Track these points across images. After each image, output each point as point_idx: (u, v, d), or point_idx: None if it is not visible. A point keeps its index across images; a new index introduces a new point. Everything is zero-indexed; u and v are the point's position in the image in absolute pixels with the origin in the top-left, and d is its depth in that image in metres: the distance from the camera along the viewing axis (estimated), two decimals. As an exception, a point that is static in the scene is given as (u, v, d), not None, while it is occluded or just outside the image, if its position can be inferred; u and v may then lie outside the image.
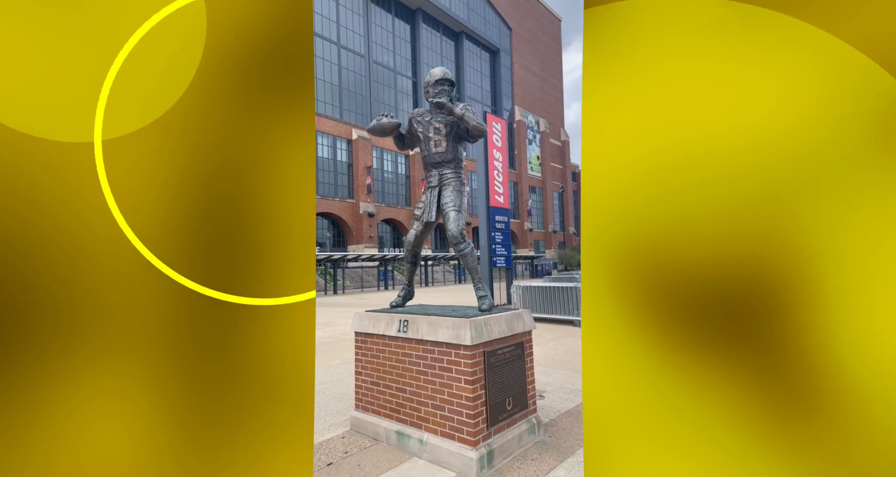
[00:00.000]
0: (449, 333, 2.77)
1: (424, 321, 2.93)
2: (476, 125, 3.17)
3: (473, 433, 2.64)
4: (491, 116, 11.72)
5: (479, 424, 2.69)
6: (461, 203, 3.31)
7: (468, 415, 2.66)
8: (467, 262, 3.22)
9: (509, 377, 2.95)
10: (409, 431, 2.97)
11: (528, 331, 3.19)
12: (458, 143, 3.46)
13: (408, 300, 3.67)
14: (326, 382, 5.07)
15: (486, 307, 3.09)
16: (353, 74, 36.47)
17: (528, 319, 3.19)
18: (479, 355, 2.74)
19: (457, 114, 3.20)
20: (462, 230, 3.19)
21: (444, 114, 3.34)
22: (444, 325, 2.82)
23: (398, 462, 2.82)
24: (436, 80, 3.40)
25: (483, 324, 2.79)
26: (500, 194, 11.75)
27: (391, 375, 3.14)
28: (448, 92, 3.41)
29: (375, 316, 3.31)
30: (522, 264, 38.75)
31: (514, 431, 2.92)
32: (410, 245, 3.51)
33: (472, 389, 2.67)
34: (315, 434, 3.37)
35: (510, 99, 49.64)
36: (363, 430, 3.30)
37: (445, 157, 3.39)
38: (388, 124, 3.37)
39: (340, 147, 33.97)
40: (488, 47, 47.98)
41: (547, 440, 3.11)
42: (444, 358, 2.81)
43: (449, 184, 3.37)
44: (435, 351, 2.87)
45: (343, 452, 3.01)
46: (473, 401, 2.67)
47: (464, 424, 2.68)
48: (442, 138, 3.38)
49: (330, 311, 13.96)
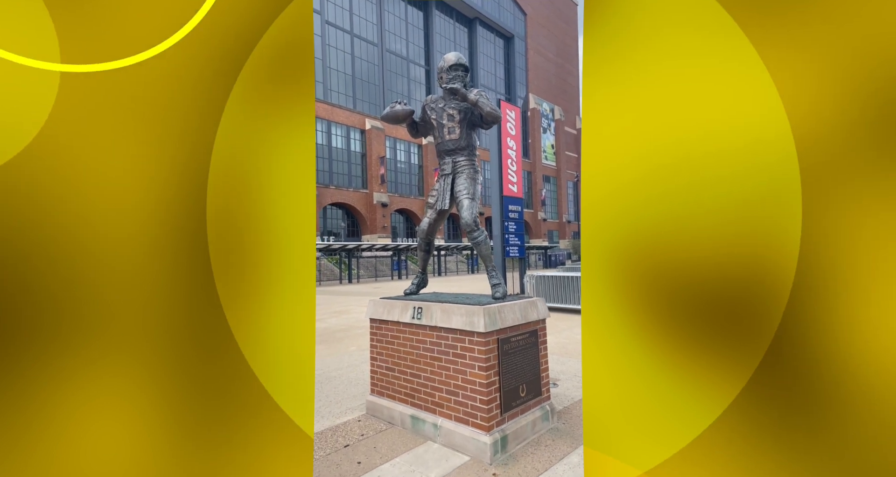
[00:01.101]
0: (462, 320, 2.78)
1: (438, 308, 2.95)
2: (490, 111, 3.14)
3: (487, 419, 2.67)
4: (505, 104, 11.57)
5: (493, 409, 2.71)
6: (475, 191, 3.30)
7: (482, 401, 2.68)
8: (481, 250, 3.21)
9: (523, 364, 2.96)
10: (423, 415, 3.01)
11: (543, 319, 3.19)
12: (472, 130, 3.42)
13: (421, 288, 3.69)
14: (343, 368, 5.17)
15: (499, 295, 3.09)
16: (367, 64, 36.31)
17: (543, 308, 3.19)
18: (493, 342, 2.75)
19: (471, 99, 3.16)
20: (476, 218, 3.18)
21: (458, 100, 3.30)
22: (457, 312, 2.83)
23: (413, 445, 2.87)
24: (450, 65, 3.35)
25: (497, 311, 2.79)
26: (514, 183, 11.65)
27: (405, 360, 3.19)
28: (462, 77, 3.37)
29: (390, 303, 3.35)
30: (536, 254, 38.56)
31: (528, 418, 2.94)
32: (424, 233, 3.51)
33: (486, 375, 2.69)
34: (332, 417, 3.45)
35: (524, 86, 48.87)
36: (378, 414, 3.36)
37: (459, 145, 3.37)
38: (401, 111, 3.36)
39: (354, 137, 34.04)
40: (502, 33, 47.14)
41: (561, 427, 3.12)
42: (457, 344, 2.83)
43: (463, 171, 3.36)
44: (448, 338, 2.89)
45: (360, 435, 3.07)
46: (487, 387, 2.69)
47: (477, 410, 2.71)
48: (455, 125, 3.36)
49: (345, 299, 14.15)
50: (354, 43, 35.49)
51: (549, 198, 49.41)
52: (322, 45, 34.40)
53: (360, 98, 35.45)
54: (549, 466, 2.56)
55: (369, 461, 2.67)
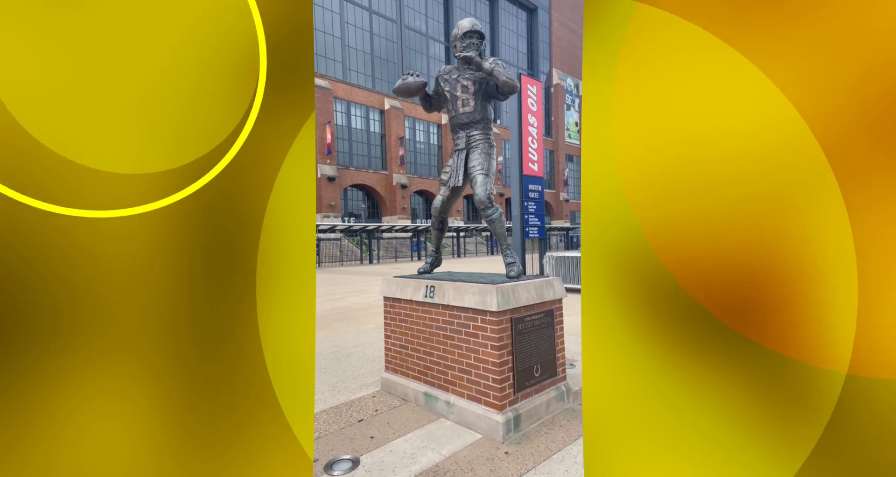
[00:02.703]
0: (475, 298, 2.72)
1: (451, 287, 2.90)
2: (506, 80, 2.98)
3: (500, 397, 2.63)
4: (526, 79, 11.15)
5: (506, 388, 2.67)
6: (489, 166, 3.18)
7: (494, 380, 2.65)
8: (495, 228, 3.12)
9: (538, 344, 2.90)
10: (436, 393, 3.01)
11: (559, 299, 3.10)
12: (488, 102, 3.28)
13: (435, 267, 3.65)
14: (361, 344, 5.24)
15: (514, 274, 3.01)
16: (385, 41, 35.71)
17: (559, 287, 3.09)
18: (506, 322, 2.69)
19: (486, 69, 3.02)
20: (490, 194, 3.08)
21: (473, 70, 3.15)
22: (470, 291, 2.77)
23: (426, 422, 2.87)
24: (464, 32, 3.20)
25: (510, 290, 2.72)
26: (535, 162, 11.36)
27: (419, 338, 3.17)
28: (477, 45, 3.21)
29: (403, 281, 3.32)
30: (557, 236, 37.99)
31: (543, 398, 2.89)
32: (437, 211, 3.44)
33: (499, 354, 2.64)
34: (348, 393, 3.50)
35: (548, 61, 47.18)
36: (393, 390, 3.38)
37: (473, 118, 3.24)
38: (413, 84, 3.24)
39: (373, 118, 33.85)
40: (525, 5, 45.36)
41: (576, 408, 3.07)
42: (469, 323, 2.79)
43: (477, 146, 3.24)
44: (461, 316, 2.84)
45: (374, 410, 3.10)
46: (500, 366, 2.64)
47: (490, 389, 2.67)
48: (470, 96, 3.22)
49: (365, 279, 14.34)
50: (373, 20, 34.87)
51: (571, 178, 48.26)
52: (341, 23, 34.01)
53: (380, 77, 35.05)
54: (564, 446, 2.52)
55: (382, 436, 2.69)
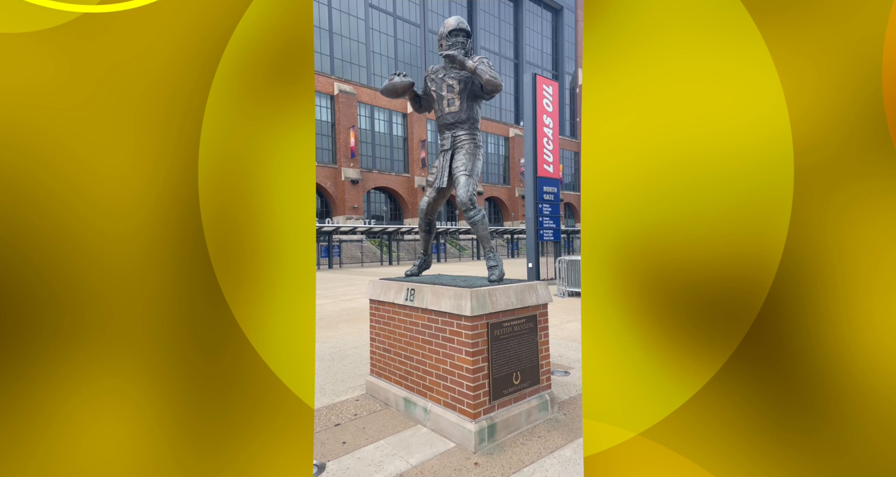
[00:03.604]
0: (451, 302, 2.65)
1: (429, 290, 2.83)
2: (489, 79, 2.91)
3: (473, 406, 2.54)
4: (541, 79, 10.99)
5: (481, 396, 2.58)
6: (472, 167, 3.10)
7: (468, 387, 2.56)
8: (478, 230, 3.04)
9: (518, 351, 2.79)
10: (415, 398, 2.95)
11: (543, 304, 2.98)
12: (474, 101, 3.21)
13: (423, 269, 3.59)
14: (359, 346, 5.23)
15: (494, 278, 2.91)
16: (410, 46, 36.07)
17: (544, 292, 2.98)
18: (482, 327, 2.60)
19: (468, 67, 2.95)
20: (472, 196, 3.00)
21: (457, 68, 3.09)
22: (446, 294, 2.70)
23: (402, 428, 2.82)
24: (449, 30, 3.14)
25: (486, 294, 2.63)
26: (550, 163, 11.14)
27: (400, 342, 3.12)
28: (462, 44, 3.15)
29: (386, 284, 3.28)
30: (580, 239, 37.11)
31: (522, 407, 2.78)
32: (423, 213, 3.38)
33: (473, 361, 2.55)
34: (333, 395, 3.49)
35: (573, 62, 46.49)
36: (376, 394, 3.34)
37: (459, 117, 3.17)
38: (400, 84, 3.20)
39: (396, 121, 34.19)
40: (550, 5, 44.86)
41: (560, 418, 2.94)
42: (446, 328, 2.71)
43: (462, 147, 3.17)
44: (438, 321, 2.77)
45: (353, 414, 3.07)
46: (474, 373, 2.55)
47: (464, 396, 2.59)
48: (455, 96, 3.16)
49: (381, 281, 14.38)
50: (397, 25, 35.29)
51: (597, 180, 47.13)
52: (366, 29, 34.60)
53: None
54: (538, 458, 2.41)
55: (354, 442, 2.65)
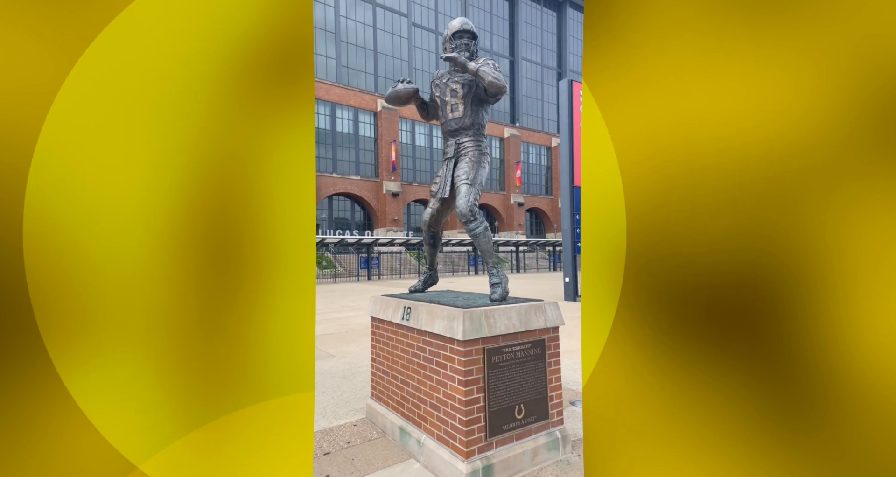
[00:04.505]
0: (443, 324, 2.39)
1: (425, 309, 2.59)
2: (492, 80, 2.67)
3: (466, 442, 2.25)
4: (577, 85, 10.58)
5: (475, 432, 2.28)
6: (476, 176, 2.85)
7: (461, 421, 2.27)
8: (479, 243, 2.77)
9: (521, 380, 2.47)
10: (410, 428, 2.69)
11: (553, 327, 2.64)
12: (480, 106, 2.97)
13: (429, 285, 3.36)
14: (374, 365, 5.04)
15: (496, 297, 2.62)
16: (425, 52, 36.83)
17: (553, 313, 2.64)
18: (478, 352, 2.32)
19: (470, 69, 2.73)
20: (473, 206, 2.74)
21: (460, 71, 2.88)
22: (440, 314, 2.44)
23: (393, 462, 2.56)
24: (453, 32, 2.96)
25: (483, 316, 2.35)
26: (588, 173, 10.61)
27: (398, 365, 2.89)
28: (467, 46, 2.95)
29: (386, 301, 3.07)
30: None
31: (527, 445, 2.44)
32: (426, 225, 3.16)
33: (466, 391, 2.27)
34: (332, 418, 3.30)
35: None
36: (375, 420, 3.12)
37: (463, 123, 2.95)
38: (403, 91, 3.04)
39: (437, 135, 34.60)
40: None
41: (574, 460, 2.56)
42: (440, 352, 2.45)
43: (465, 154, 2.93)
44: (433, 344, 2.52)
45: (346, 442, 2.86)
46: (467, 405, 2.27)
47: (457, 431, 2.30)
48: (458, 101, 2.94)
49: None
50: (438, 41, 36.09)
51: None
52: (409, 48, 35.69)
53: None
54: (539, 510, 2.07)
55: (338, 476, 2.42)
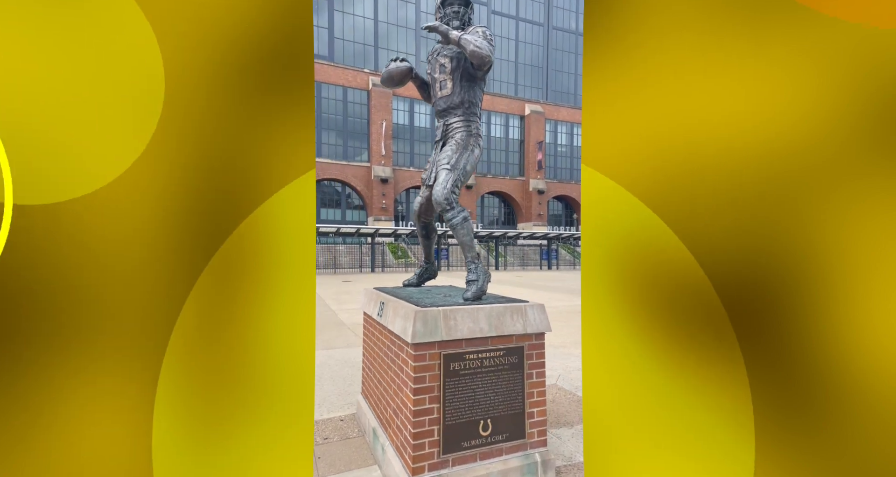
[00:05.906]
0: (401, 324, 2.16)
1: (392, 306, 2.38)
2: (474, 49, 2.34)
3: (415, 457, 2.01)
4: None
5: (426, 447, 2.03)
6: (458, 160, 2.53)
7: (411, 433, 2.04)
8: (458, 235, 2.46)
9: (489, 393, 2.15)
10: (380, 431, 2.52)
11: (536, 333, 2.26)
12: (472, 83, 2.64)
13: (426, 280, 3.12)
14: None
15: (468, 296, 2.31)
16: (532, 46, 35.25)
17: (537, 318, 2.26)
18: (433, 358, 2.05)
19: (452, 39, 2.42)
20: (450, 194, 2.44)
21: (444, 43, 2.58)
22: (400, 313, 2.22)
23: (357, 466, 2.42)
24: (441, 0, 2.67)
25: (440, 317, 2.07)
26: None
27: (377, 362, 2.73)
28: (457, 13, 2.64)
29: (370, 294, 2.92)
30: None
31: (493, 467, 2.13)
32: (416, 215, 2.92)
33: (417, 400, 2.02)
34: (322, 411, 3.26)
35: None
36: (360, 417, 3.01)
37: (451, 102, 2.65)
38: (395, 70, 2.82)
39: (513, 124, 33.66)
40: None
41: (554, 491, 2.19)
42: (400, 354, 2.23)
43: (453, 136, 2.64)
44: (396, 344, 2.31)
45: (322, 439, 2.78)
46: (417, 416, 2.02)
47: (407, 443, 2.07)
48: (447, 77, 2.64)
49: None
50: (519, 27, 34.85)
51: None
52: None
53: (522, 83, 34.77)
54: (485, 547, 1.77)
55: (295, 471, 2.34)
